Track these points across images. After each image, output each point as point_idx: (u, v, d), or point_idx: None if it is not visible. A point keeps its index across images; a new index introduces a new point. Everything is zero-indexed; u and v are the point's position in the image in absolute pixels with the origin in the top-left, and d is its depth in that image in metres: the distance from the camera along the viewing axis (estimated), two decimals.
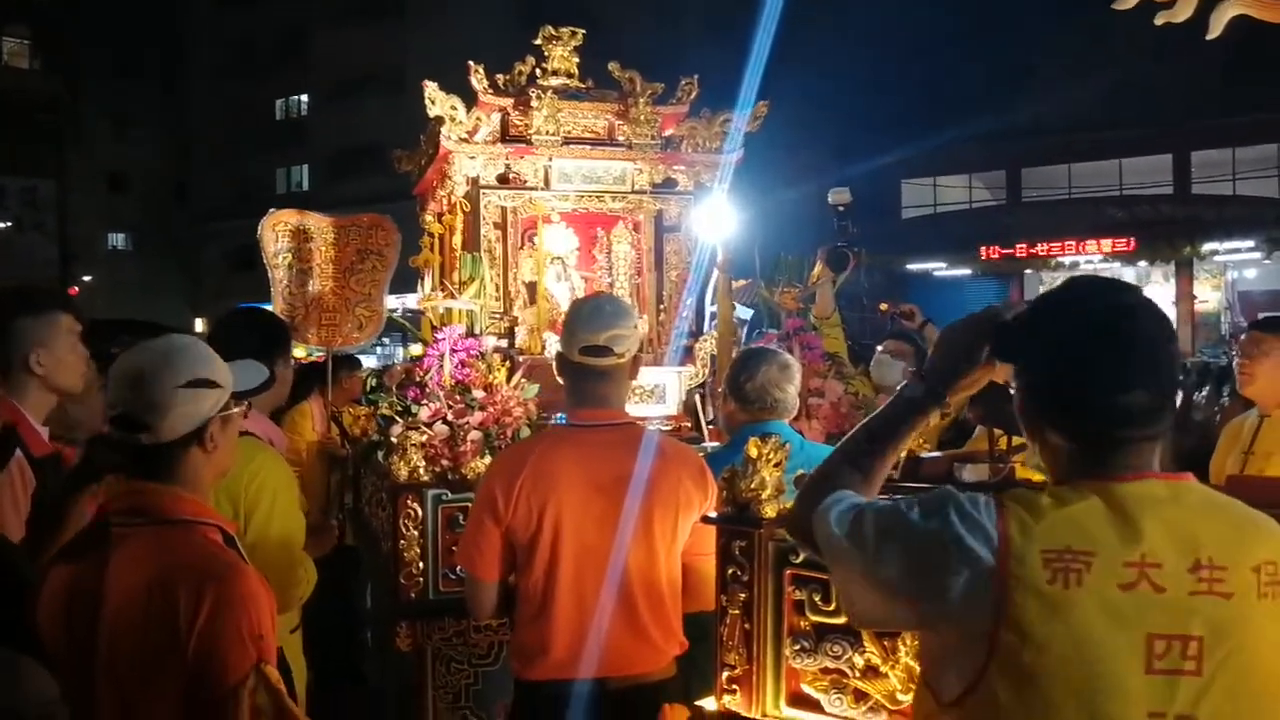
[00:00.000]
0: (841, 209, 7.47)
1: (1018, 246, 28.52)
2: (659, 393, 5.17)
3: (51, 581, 2.24)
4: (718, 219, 5.23)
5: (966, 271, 29.94)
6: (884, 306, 5.85)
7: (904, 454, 4.33)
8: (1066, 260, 27.40)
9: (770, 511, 2.42)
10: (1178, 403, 1.76)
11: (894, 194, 33.15)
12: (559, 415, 3.90)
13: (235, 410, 2.38)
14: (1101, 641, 1.61)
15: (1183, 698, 1.60)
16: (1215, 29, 3.81)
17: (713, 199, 5.35)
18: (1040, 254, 28.18)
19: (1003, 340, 1.86)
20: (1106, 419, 1.72)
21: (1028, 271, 28.97)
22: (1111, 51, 25.23)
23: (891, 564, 1.71)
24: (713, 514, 2.60)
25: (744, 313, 5.84)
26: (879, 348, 5.87)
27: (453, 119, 5.14)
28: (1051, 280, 23.05)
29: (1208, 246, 26.99)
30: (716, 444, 4.48)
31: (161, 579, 2.10)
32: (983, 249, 28.92)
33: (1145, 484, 1.69)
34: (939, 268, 29.65)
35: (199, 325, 33.90)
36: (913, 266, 28.76)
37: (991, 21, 28.59)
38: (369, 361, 12.03)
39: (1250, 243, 26.59)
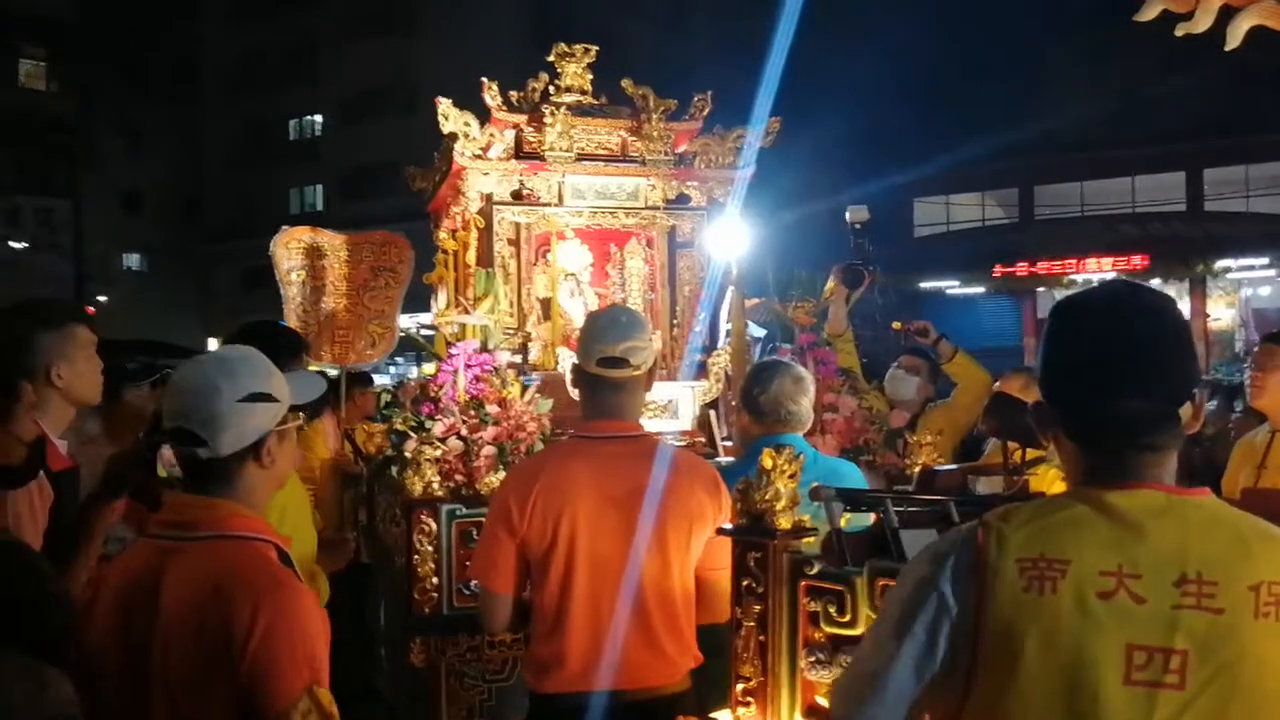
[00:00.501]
0: (859, 226, 7.46)
1: (1029, 265, 28.50)
2: (672, 408, 5.17)
3: (105, 595, 2.22)
4: (731, 235, 5.24)
5: (980, 290, 29.92)
6: (897, 325, 5.86)
7: (919, 468, 4.37)
8: (1079, 278, 27.30)
9: (785, 523, 2.41)
10: (1186, 415, 1.72)
11: (907, 212, 33.12)
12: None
13: (292, 424, 2.37)
14: (1079, 648, 1.59)
15: (1162, 711, 1.58)
16: (1233, 41, 3.81)
17: (726, 215, 5.36)
18: (1053, 272, 28.12)
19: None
20: (1103, 426, 1.70)
21: (1040, 290, 28.88)
22: (1124, 69, 25.23)
23: (904, 640, 1.71)
24: (727, 526, 2.60)
25: (757, 331, 5.84)
26: (894, 364, 5.88)
27: (466, 135, 5.15)
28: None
29: (1221, 264, 26.93)
30: (730, 459, 4.47)
31: (217, 595, 2.07)
32: (996, 267, 28.90)
33: (1141, 494, 1.66)
34: (952, 286, 29.62)
35: (212, 344, 33.92)
36: (926, 285, 28.72)
37: (1004, 39, 28.65)
38: (382, 380, 12.05)
39: (1264, 260, 26.53)
